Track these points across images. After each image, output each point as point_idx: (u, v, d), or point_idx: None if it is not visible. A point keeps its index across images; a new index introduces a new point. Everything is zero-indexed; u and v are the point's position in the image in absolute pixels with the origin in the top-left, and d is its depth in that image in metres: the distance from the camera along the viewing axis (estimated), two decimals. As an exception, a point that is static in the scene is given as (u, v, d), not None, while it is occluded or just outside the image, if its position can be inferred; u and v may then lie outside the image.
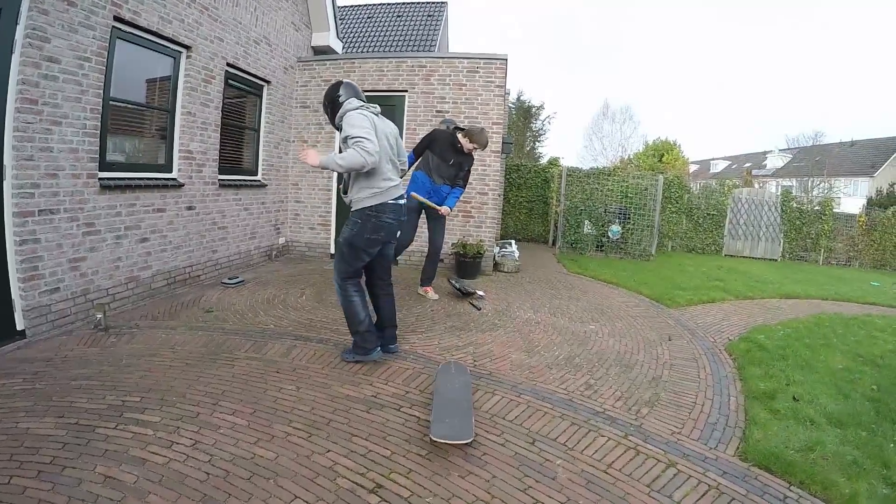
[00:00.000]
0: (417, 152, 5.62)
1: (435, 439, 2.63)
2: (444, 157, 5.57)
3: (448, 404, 3.04)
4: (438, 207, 5.65)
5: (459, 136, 5.56)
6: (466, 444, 2.69)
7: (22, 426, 2.63)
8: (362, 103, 3.61)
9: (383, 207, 3.61)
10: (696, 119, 75.78)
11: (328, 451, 2.61)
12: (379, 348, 3.78)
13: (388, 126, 3.78)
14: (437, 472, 2.50)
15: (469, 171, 5.83)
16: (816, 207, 13.58)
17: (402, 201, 3.77)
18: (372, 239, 3.64)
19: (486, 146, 5.70)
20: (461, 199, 7.86)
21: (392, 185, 3.67)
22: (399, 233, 3.91)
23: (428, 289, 6.04)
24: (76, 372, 3.35)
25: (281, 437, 2.70)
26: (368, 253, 3.69)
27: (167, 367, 3.52)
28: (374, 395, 3.29)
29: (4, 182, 3.73)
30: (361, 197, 3.60)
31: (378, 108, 3.72)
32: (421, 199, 5.56)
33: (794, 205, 13.49)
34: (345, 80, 3.77)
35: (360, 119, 3.46)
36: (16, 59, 3.74)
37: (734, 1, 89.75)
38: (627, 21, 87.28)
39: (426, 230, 6.03)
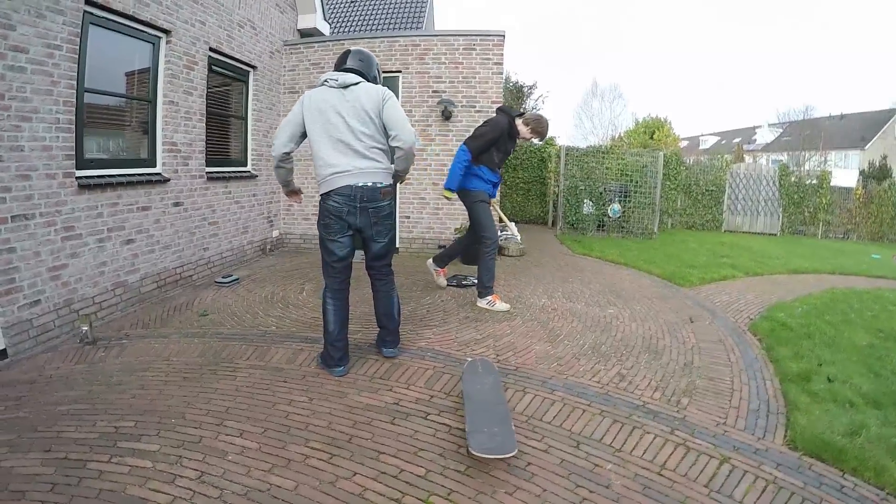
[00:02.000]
0: (477, 150, 4.83)
1: (475, 454, 2.32)
2: (507, 149, 5.04)
3: (481, 410, 2.73)
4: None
5: (519, 122, 4.94)
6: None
7: (6, 465, 2.29)
8: (327, 77, 3.21)
9: (330, 192, 3.19)
10: (684, 95, 75.53)
11: (354, 473, 2.30)
12: (342, 367, 3.34)
13: (348, 100, 3.15)
14: (481, 490, 2.22)
15: None
16: (814, 181, 13.42)
17: (360, 182, 3.18)
18: (325, 225, 3.23)
19: (545, 137, 5.25)
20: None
21: (334, 174, 3.16)
22: (364, 226, 3.31)
23: (442, 271, 5.62)
24: (62, 395, 3.00)
25: (298, 461, 2.38)
26: (332, 241, 3.24)
27: (162, 382, 3.18)
28: (396, 401, 2.99)
29: (-29, 187, 3.35)
30: None
31: (339, 79, 3.17)
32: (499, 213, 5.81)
33: (793, 179, 13.31)
34: (353, 48, 3.38)
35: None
36: (-23, 50, 3.36)
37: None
38: (623, 14, 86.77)
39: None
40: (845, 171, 28.33)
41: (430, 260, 5.63)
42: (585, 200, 10.90)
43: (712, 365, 3.70)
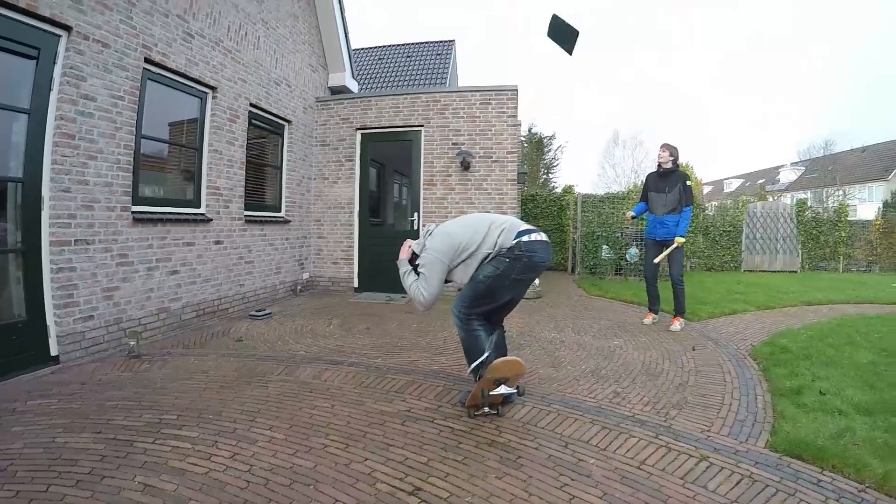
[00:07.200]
0: (644, 199, 6.09)
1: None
2: (657, 188, 5.84)
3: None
4: (675, 240, 5.78)
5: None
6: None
7: (59, 441, 2.68)
8: None
9: None
10: (707, 140, 76.47)
11: (366, 459, 2.60)
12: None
13: None
14: (475, 474, 2.48)
15: (687, 188, 5.74)
16: (832, 215, 13.46)
17: None
18: None
19: (671, 148, 5.83)
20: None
21: None
22: None
23: (675, 320, 5.97)
24: (112, 393, 3.39)
25: (318, 449, 2.70)
26: None
27: (202, 388, 3.55)
28: (408, 409, 3.28)
29: (42, 212, 3.88)
30: None
31: None
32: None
33: (810, 214, 13.37)
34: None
35: None
36: (54, 96, 3.96)
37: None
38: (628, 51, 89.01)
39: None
40: (869, 204, 27.89)
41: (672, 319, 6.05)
42: (603, 246, 11.15)
43: (706, 384, 3.85)
